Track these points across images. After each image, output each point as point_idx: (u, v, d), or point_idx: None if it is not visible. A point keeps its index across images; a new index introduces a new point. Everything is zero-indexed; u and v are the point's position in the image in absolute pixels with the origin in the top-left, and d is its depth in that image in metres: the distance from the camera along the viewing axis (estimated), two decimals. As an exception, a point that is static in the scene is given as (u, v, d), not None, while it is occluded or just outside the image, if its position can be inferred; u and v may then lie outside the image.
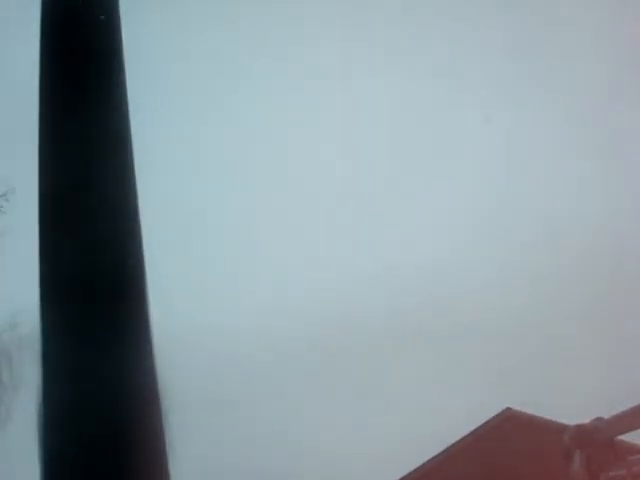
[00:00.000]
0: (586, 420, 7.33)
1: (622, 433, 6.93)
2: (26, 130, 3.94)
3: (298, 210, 28.07)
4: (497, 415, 23.51)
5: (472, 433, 23.49)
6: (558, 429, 23.36)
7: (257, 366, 24.66)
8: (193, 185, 26.80)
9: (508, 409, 23.46)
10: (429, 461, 23.49)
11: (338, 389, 25.29)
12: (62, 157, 3.60)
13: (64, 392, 3.33)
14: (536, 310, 26.03)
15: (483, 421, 23.54)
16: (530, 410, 23.16)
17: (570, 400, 22.13)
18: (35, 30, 3.81)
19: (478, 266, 27.13)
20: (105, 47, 3.72)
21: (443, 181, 29.28)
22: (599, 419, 7.20)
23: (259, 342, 24.90)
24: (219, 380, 22.61)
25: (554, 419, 22.77)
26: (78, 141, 3.59)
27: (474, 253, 27.31)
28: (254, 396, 24.43)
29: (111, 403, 3.31)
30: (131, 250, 3.57)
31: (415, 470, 23.48)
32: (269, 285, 26.49)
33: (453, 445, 23.49)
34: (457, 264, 27.01)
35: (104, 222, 3.53)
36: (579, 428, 7.33)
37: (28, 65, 3.89)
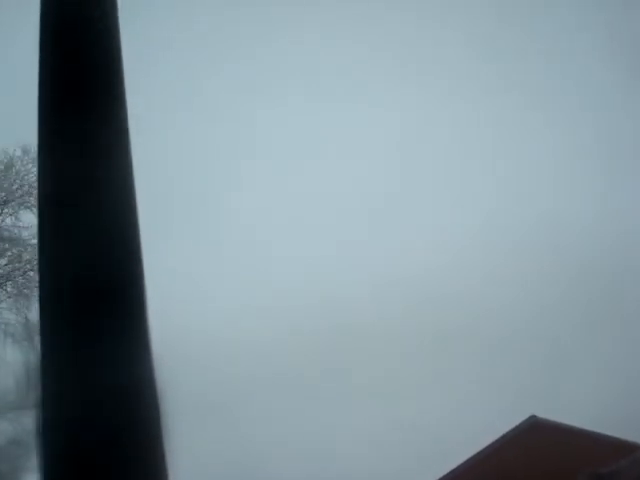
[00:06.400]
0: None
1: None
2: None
3: (299, 215, 28.21)
4: (522, 423, 23.37)
5: (498, 441, 23.37)
6: (584, 436, 23.17)
7: (257, 368, 24.67)
8: (193, 188, 26.95)
9: (533, 417, 23.32)
10: (455, 469, 23.41)
11: (339, 392, 25.28)
12: (61, 158, 3.63)
13: (62, 394, 3.36)
14: (556, 317, 25.98)
15: (509, 429, 23.43)
16: (554, 417, 23.03)
17: (591, 408, 22.05)
18: (35, 32, 3.87)
19: (487, 271, 27.14)
20: (105, 49, 3.77)
21: (446, 184, 29.38)
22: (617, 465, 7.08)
23: (258, 344, 24.91)
24: (218, 382, 22.60)
25: (580, 426, 22.66)
26: (77, 142, 3.63)
27: (481, 259, 27.30)
28: (253, 398, 24.43)
29: (110, 405, 3.34)
30: (130, 253, 3.60)
31: (442, 478, 23.43)
32: (268, 287, 26.55)
33: (479, 453, 23.39)
34: (463, 269, 27.05)
35: (102, 223, 3.56)
36: (596, 474, 7.21)
37: (31, 62, 3.94)
